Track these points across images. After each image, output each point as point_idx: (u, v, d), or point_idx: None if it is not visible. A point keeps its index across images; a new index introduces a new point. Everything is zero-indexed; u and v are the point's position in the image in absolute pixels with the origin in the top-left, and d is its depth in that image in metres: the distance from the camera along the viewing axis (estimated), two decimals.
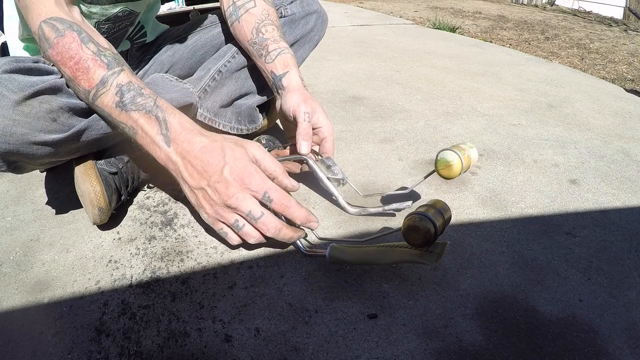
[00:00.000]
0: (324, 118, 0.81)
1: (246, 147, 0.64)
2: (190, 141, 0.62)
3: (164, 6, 1.58)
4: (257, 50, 0.86)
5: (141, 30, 0.97)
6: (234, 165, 0.61)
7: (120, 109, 0.63)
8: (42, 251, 0.76)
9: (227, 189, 0.61)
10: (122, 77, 0.64)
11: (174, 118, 0.63)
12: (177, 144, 0.62)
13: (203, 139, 0.62)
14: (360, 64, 1.85)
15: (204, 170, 0.61)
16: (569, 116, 1.40)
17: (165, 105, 0.64)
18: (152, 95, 0.64)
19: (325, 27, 1.02)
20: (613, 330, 0.63)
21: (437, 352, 0.59)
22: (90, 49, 0.64)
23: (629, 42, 2.92)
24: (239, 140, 0.65)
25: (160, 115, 0.62)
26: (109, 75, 0.63)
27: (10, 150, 0.62)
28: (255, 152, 0.64)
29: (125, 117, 0.63)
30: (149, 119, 0.62)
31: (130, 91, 0.63)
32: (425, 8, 3.84)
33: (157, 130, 0.62)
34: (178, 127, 0.62)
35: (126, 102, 0.62)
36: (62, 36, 0.64)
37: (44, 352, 0.58)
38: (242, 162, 0.61)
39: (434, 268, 0.74)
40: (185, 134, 0.62)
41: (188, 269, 0.72)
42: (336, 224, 0.83)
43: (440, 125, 1.28)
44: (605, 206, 0.93)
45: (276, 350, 0.59)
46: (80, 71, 0.63)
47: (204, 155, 0.61)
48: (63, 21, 0.65)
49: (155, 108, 0.63)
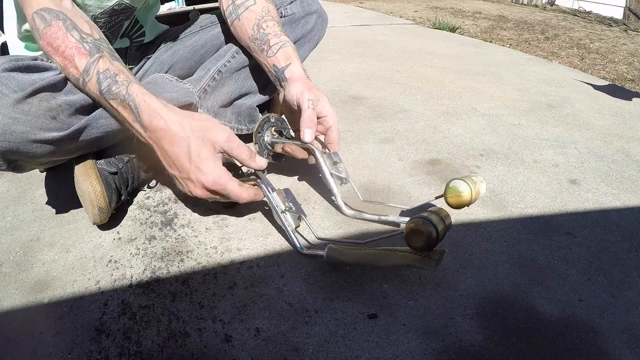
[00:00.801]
0: (328, 107, 0.81)
1: (214, 139, 0.66)
2: (160, 130, 0.64)
3: (163, 6, 1.58)
4: (258, 46, 0.86)
5: (140, 29, 0.97)
6: (199, 168, 0.65)
7: (103, 97, 0.66)
8: (42, 251, 0.76)
9: (193, 189, 0.67)
10: (101, 65, 0.66)
11: (143, 104, 0.65)
12: (150, 131, 0.65)
13: (173, 128, 0.64)
14: (360, 64, 1.85)
15: (173, 163, 0.66)
16: (569, 116, 1.40)
17: (135, 91, 0.65)
18: (125, 81, 0.66)
19: (325, 27, 1.02)
20: (613, 330, 0.63)
21: (437, 352, 0.59)
22: (74, 36, 0.66)
23: (629, 42, 2.92)
24: (208, 131, 0.66)
25: (132, 104, 0.65)
26: (90, 63, 0.66)
27: (10, 149, 0.62)
28: (223, 143, 0.66)
29: (107, 104, 0.67)
30: (124, 108, 0.65)
31: (106, 79, 0.65)
32: (425, 8, 3.83)
33: (133, 118, 0.65)
34: (147, 113, 0.64)
35: (104, 90, 0.65)
36: (49, 26, 0.66)
37: (44, 352, 0.58)
38: (206, 166, 0.65)
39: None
40: (155, 121, 0.64)
41: (188, 269, 0.72)
42: (336, 224, 0.83)
43: (440, 125, 1.28)
44: (605, 206, 0.93)
45: (276, 350, 0.59)
46: (68, 60, 0.66)
47: (172, 149, 0.65)
48: (50, 11, 0.67)
49: (127, 96, 0.65)
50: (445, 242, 0.80)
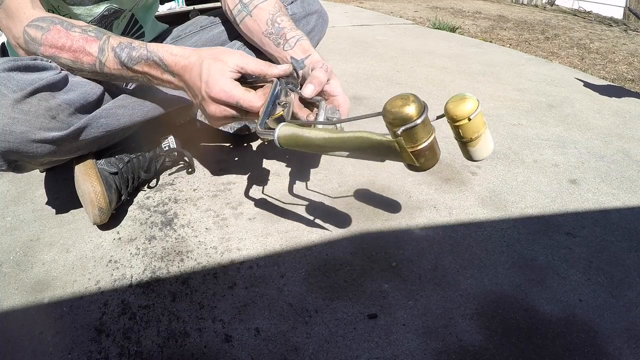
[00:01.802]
0: (340, 89, 0.76)
1: (225, 58, 0.66)
2: (183, 67, 0.67)
3: (163, 6, 1.58)
4: (274, 40, 0.85)
5: (140, 29, 0.97)
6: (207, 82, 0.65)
7: (126, 68, 0.69)
8: (42, 251, 0.76)
9: (207, 107, 0.67)
10: (112, 41, 0.69)
11: (165, 53, 0.68)
12: (178, 74, 0.68)
13: (191, 60, 0.67)
14: (360, 64, 1.85)
15: (192, 90, 0.68)
16: (569, 116, 1.40)
17: (154, 47, 0.69)
18: (141, 44, 0.69)
19: (326, 27, 1.02)
20: (613, 330, 0.63)
21: (437, 352, 0.59)
22: (76, 32, 0.68)
23: (629, 42, 2.92)
24: (220, 53, 0.67)
25: (156, 58, 0.68)
26: (102, 44, 0.68)
27: (11, 149, 0.62)
28: (236, 60, 0.66)
29: (132, 72, 0.69)
30: (150, 65, 0.68)
31: (123, 49, 0.68)
32: (425, 8, 3.83)
33: (161, 70, 0.69)
34: (171, 59, 0.68)
35: (125, 60, 0.68)
36: (48, 31, 0.67)
37: (44, 352, 0.58)
38: (213, 78, 0.65)
39: (434, 268, 0.74)
40: (179, 61, 0.68)
41: (188, 269, 0.72)
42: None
43: (440, 125, 1.28)
44: (605, 206, 0.93)
45: (276, 350, 0.59)
46: (79, 51, 0.68)
47: (190, 76, 0.67)
48: (44, 19, 0.68)
49: (150, 54, 0.68)
50: (445, 242, 0.80)
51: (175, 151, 0.95)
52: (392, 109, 0.50)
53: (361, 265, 0.74)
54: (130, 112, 0.77)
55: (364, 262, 0.74)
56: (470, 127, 0.55)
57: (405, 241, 0.80)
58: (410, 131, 0.51)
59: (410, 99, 0.50)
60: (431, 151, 0.55)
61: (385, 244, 0.79)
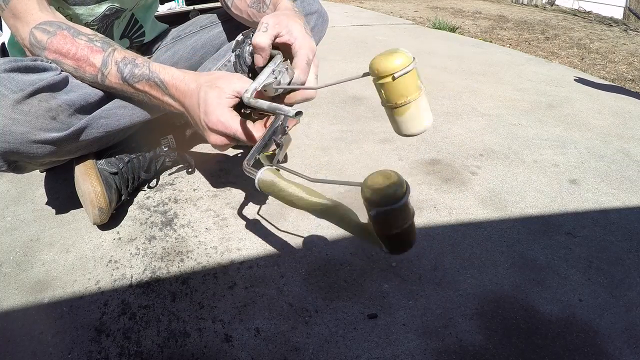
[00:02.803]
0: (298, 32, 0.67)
1: (222, 85, 0.64)
2: (183, 93, 0.67)
3: (163, 6, 1.58)
4: (256, 8, 0.83)
5: (140, 29, 0.97)
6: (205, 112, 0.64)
7: (127, 84, 0.69)
8: (42, 251, 0.76)
9: (208, 137, 0.66)
10: (117, 55, 0.68)
11: (166, 75, 0.68)
12: (177, 99, 0.68)
13: (190, 87, 0.66)
14: (360, 64, 1.85)
15: (193, 118, 0.68)
16: (569, 116, 1.40)
17: (157, 68, 0.68)
18: (144, 63, 0.69)
19: (326, 27, 1.02)
20: (613, 330, 0.63)
21: (437, 352, 0.59)
22: (82, 39, 0.68)
23: (629, 42, 2.92)
24: (217, 79, 0.64)
25: (157, 80, 0.68)
26: (106, 56, 0.68)
27: (11, 150, 0.62)
28: (234, 87, 0.63)
29: (133, 89, 0.69)
30: (151, 86, 0.68)
31: (127, 65, 0.68)
32: (425, 8, 3.83)
33: (162, 92, 0.69)
34: (171, 82, 0.68)
35: (127, 76, 0.68)
36: (54, 36, 0.67)
37: (44, 352, 0.58)
38: (210, 108, 0.63)
39: (434, 268, 0.74)
40: (179, 85, 0.67)
41: (188, 269, 0.72)
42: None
43: (440, 125, 1.28)
44: (605, 206, 0.93)
45: (276, 350, 0.59)
46: (82, 60, 0.68)
47: (190, 102, 0.67)
48: (52, 23, 0.68)
49: (151, 74, 0.68)
50: (445, 242, 0.80)
51: (176, 151, 0.95)
52: (373, 186, 0.42)
53: (361, 265, 0.74)
54: (130, 112, 0.77)
55: (364, 262, 0.74)
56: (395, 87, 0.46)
57: None
58: (384, 216, 0.42)
59: (392, 178, 0.42)
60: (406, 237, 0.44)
61: None
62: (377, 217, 0.42)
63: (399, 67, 0.45)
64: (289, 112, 0.55)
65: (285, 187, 0.52)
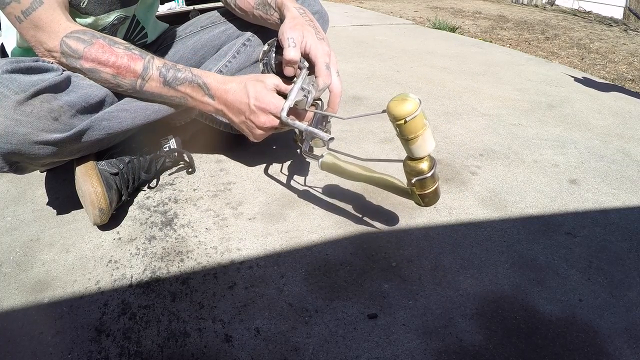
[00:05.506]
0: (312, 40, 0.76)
1: (264, 80, 0.75)
2: (225, 91, 0.75)
3: (163, 6, 1.58)
4: (262, 10, 0.87)
5: (142, 31, 0.97)
6: (258, 98, 0.73)
7: (169, 87, 0.75)
8: (42, 251, 0.76)
9: (257, 118, 0.74)
10: (157, 62, 0.74)
11: (208, 79, 0.76)
12: (218, 97, 0.76)
13: (232, 85, 0.76)
14: (360, 64, 1.85)
15: (237, 108, 0.75)
16: (569, 116, 1.40)
17: (198, 72, 0.77)
18: (185, 67, 0.76)
19: (326, 27, 1.02)
20: (613, 330, 0.63)
21: (437, 352, 0.59)
22: (120, 48, 0.72)
23: (629, 42, 2.92)
24: (258, 76, 0.77)
25: (200, 82, 0.75)
26: (147, 63, 0.73)
27: (13, 150, 0.62)
28: (273, 81, 0.76)
29: (174, 91, 0.76)
30: (194, 88, 0.75)
31: (169, 70, 0.74)
32: (425, 8, 3.83)
33: (203, 93, 0.76)
34: (214, 84, 0.76)
35: (170, 80, 0.74)
36: (91, 45, 0.69)
37: (44, 352, 0.58)
38: (261, 94, 0.73)
39: (434, 268, 0.74)
40: (221, 86, 0.76)
41: (188, 269, 0.72)
42: (336, 224, 0.83)
43: (440, 125, 1.28)
44: (605, 206, 0.93)
45: (276, 350, 0.59)
46: (123, 67, 0.71)
47: (235, 96, 0.75)
48: (85, 32, 0.70)
49: (195, 77, 0.75)
50: (445, 242, 0.80)
51: (176, 152, 0.95)
52: (411, 163, 0.66)
53: (361, 265, 0.74)
54: (132, 115, 0.77)
55: (364, 262, 0.74)
56: (408, 127, 0.61)
57: (405, 241, 0.80)
58: (421, 182, 0.66)
59: (425, 158, 0.65)
60: (434, 195, 0.69)
61: (385, 244, 0.79)
62: (417, 181, 0.66)
63: (409, 113, 0.60)
64: (324, 137, 0.70)
65: (345, 166, 0.75)
